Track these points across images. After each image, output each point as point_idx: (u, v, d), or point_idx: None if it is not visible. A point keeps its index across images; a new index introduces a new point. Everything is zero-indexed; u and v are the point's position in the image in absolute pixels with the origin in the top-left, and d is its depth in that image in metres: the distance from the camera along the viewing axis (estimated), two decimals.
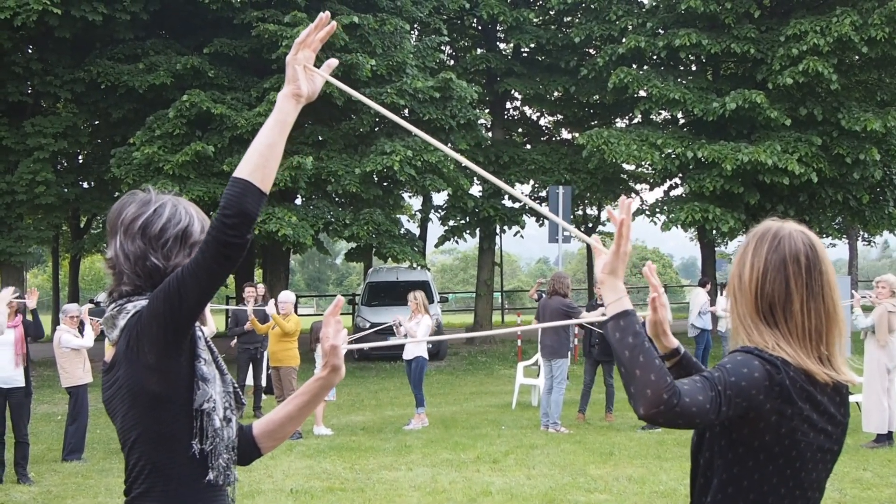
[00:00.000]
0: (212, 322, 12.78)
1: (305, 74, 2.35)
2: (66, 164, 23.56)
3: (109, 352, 2.40)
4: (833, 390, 2.35)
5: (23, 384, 9.55)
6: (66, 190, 21.75)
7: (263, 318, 13.19)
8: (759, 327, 2.37)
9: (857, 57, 21.62)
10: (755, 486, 2.31)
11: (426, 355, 12.86)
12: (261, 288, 14.07)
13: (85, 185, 23.84)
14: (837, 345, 2.37)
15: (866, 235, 37.80)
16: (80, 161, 24.14)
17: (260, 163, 2.21)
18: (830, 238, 34.00)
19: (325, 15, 2.39)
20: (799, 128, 21.55)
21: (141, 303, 2.32)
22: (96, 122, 23.11)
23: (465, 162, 2.37)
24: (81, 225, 29.26)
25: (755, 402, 2.23)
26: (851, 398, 11.73)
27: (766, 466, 2.30)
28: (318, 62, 2.40)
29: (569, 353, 12.15)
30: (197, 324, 2.35)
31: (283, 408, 2.57)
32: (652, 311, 2.57)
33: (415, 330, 12.47)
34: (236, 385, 2.50)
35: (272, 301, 12.74)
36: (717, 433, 2.35)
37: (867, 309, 11.13)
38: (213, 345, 2.50)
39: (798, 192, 22.38)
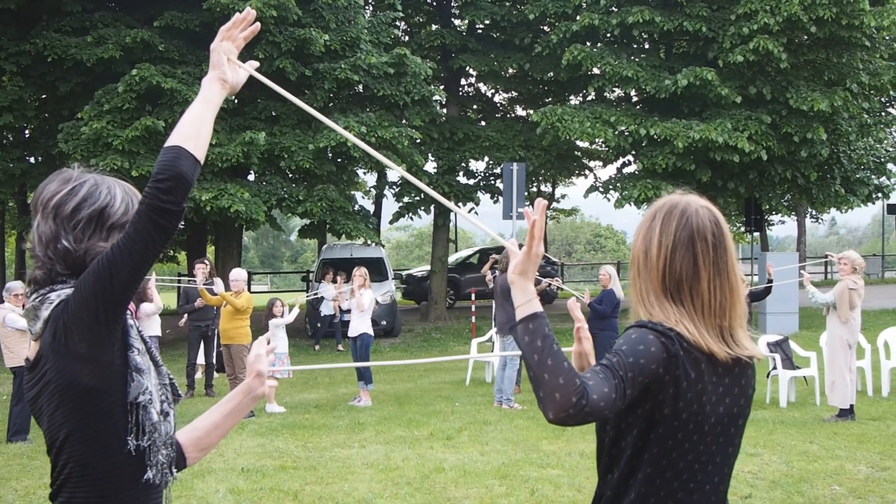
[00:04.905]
0: (157, 298, 12.61)
1: (230, 65, 2.32)
2: (11, 139, 23.00)
3: (33, 348, 2.16)
4: (733, 362, 2.39)
5: None
6: (11, 165, 21.31)
7: (213, 294, 13.06)
8: (662, 304, 2.39)
9: (805, 37, 21.86)
10: (655, 460, 2.33)
11: (371, 332, 12.83)
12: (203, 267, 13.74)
13: (32, 160, 23.36)
14: (739, 319, 2.42)
15: (814, 213, 38.46)
16: (27, 135, 23.57)
17: (191, 133, 2.16)
18: (780, 215, 34.57)
19: (250, 13, 2.34)
20: (749, 106, 21.78)
21: (66, 291, 2.15)
22: (43, 96, 22.59)
23: (374, 152, 2.36)
24: (28, 200, 28.56)
25: (655, 376, 2.25)
26: (799, 372, 12.05)
27: (665, 441, 2.32)
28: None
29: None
30: (129, 312, 2.20)
31: (209, 416, 2.48)
32: (577, 342, 2.58)
33: (363, 302, 12.59)
34: (172, 377, 2.38)
35: (219, 280, 12.58)
36: (622, 411, 2.35)
37: (818, 285, 11.30)
38: (146, 336, 2.38)
39: (748, 170, 22.71)
